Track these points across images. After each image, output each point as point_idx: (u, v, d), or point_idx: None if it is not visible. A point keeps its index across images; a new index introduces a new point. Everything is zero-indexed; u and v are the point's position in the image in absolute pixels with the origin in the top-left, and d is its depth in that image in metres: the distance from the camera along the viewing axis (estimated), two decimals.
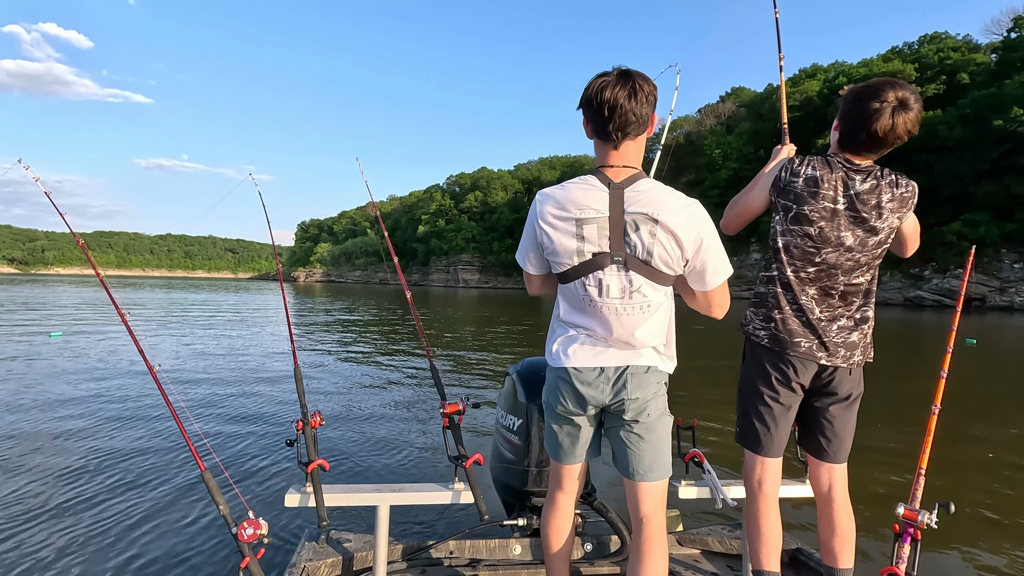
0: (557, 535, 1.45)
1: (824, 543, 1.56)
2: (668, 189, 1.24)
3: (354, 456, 3.78)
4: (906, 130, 1.40)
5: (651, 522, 1.32)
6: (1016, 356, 11.61)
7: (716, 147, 53.94)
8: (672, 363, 1.35)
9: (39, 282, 55.62)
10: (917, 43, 47.92)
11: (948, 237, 34.74)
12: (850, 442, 1.57)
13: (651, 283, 1.23)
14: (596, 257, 1.22)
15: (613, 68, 1.22)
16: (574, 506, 1.47)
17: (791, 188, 1.48)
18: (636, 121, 1.20)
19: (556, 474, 1.45)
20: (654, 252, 1.20)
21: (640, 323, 1.25)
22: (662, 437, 1.34)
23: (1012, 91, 35.56)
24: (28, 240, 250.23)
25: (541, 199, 1.27)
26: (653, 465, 1.32)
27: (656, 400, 1.32)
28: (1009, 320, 24.13)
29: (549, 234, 1.24)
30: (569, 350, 1.30)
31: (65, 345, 8.88)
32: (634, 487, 1.33)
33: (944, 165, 37.40)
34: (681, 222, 1.19)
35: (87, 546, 2.39)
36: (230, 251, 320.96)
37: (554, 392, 1.36)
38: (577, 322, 1.30)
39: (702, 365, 9.53)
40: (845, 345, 1.49)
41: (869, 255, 1.47)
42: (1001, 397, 6.80)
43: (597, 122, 1.22)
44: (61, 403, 4.99)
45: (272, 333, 11.93)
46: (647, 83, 1.20)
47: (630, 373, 1.27)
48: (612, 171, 1.24)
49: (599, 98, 1.19)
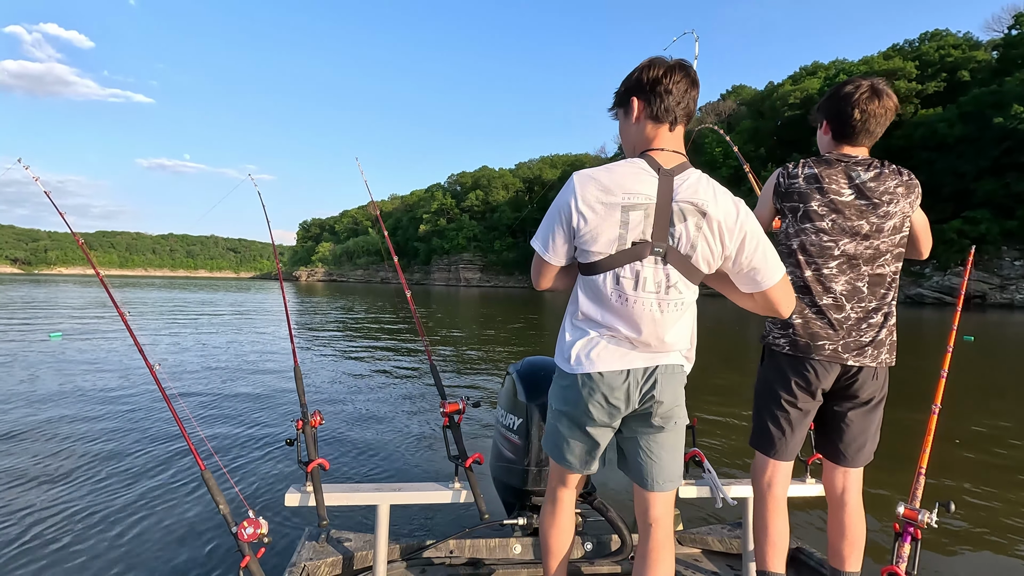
0: (559, 535, 1.41)
1: (833, 545, 1.55)
2: (716, 183, 1.18)
3: (354, 456, 3.78)
4: (889, 104, 1.43)
5: (660, 526, 1.28)
6: (1017, 353, 11.60)
7: (716, 145, 53.88)
8: (691, 364, 1.28)
9: (41, 282, 55.73)
10: (918, 40, 47.76)
11: (948, 235, 34.66)
12: (872, 447, 1.54)
13: (686, 280, 1.16)
14: (636, 247, 1.13)
15: (669, 57, 1.19)
16: (574, 506, 1.44)
17: (793, 189, 1.48)
18: (691, 112, 1.19)
19: (561, 477, 1.38)
20: (697, 246, 1.13)
21: (672, 323, 1.18)
22: (680, 445, 1.29)
23: (1013, 88, 35.46)
24: (31, 240, 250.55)
25: (582, 181, 1.15)
26: (671, 475, 1.27)
27: (682, 404, 1.26)
28: (1009, 317, 24.09)
29: (588, 218, 1.13)
30: (592, 353, 1.20)
31: (65, 346, 8.89)
32: (646, 495, 1.28)
33: (945, 162, 37.33)
34: (729, 217, 1.14)
35: (86, 545, 2.39)
36: (232, 251, 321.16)
37: (574, 400, 1.24)
38: (600, 320, 1.19)
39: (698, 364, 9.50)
40: (873, 344, 1.46)
41: (888, 241, 1.45)
42: (1001, 394, 6.79)
43: (657, 104, 1.17)
44: (60, 403, 4.99)
45: (272, 332, 11.93)
46: (698, 77, 1.21)
47: (660, 373, 1.19)
48: (662, 155, 1.17)
49: (665, 79, 1.15)
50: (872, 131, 1.45)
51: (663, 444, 1.25)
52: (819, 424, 1.59)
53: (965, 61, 42.82)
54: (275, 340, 10.55)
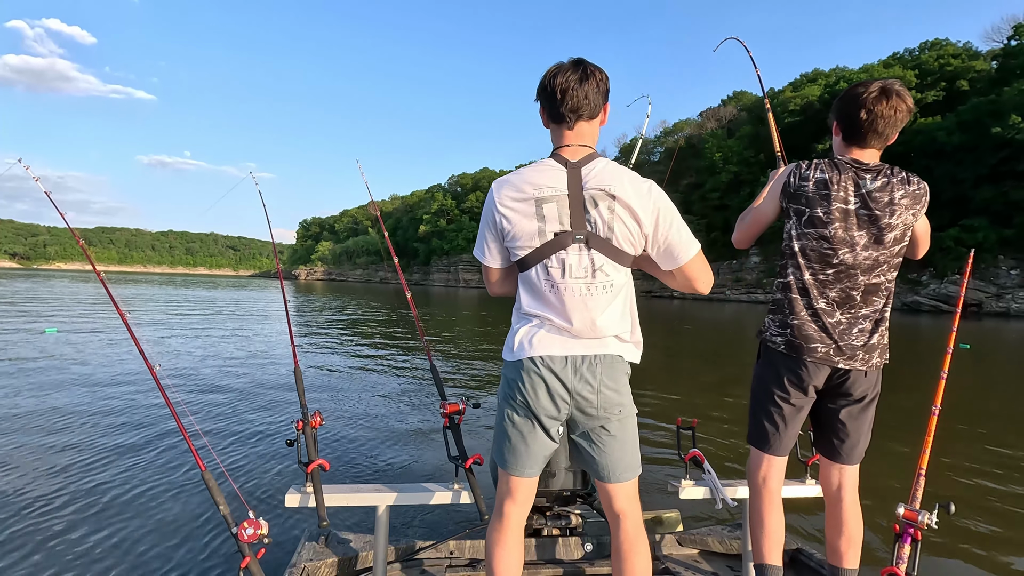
0: (504, 557, 1.28)
1: (830, 543, 1.56)
2: (624, 168, 1.24)
3: (354, 456, 3.78)
4: (901, 105, 1.42)
5: (628, 517, 1.28)
6: (1013, 360, 11.64)
7: (717, 150, 54.03)
8: (638, 351, 1.30)
9: (40, 277, 55.49)
10: (918, 49, 48.00)
11: (946, 242, 34.79)
12: (864, 444, 1.56)
13: (613, 263, 1.21)
14: (558, 237, 1.20)
15: (568, 59, 1.25)
16: (524, 525, 1.34)
17: (802, 192, 1.49)
18: (588, 103, 1.22)
19: (506, 485, 1.30)
20: (615, 228, 1.19)
21: (603, 307, 1.21)
22: (632, 434, 1.30)
23: (1011, 98, 35.62)
24: (30, 235, 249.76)
25: (498, 186, 1.26)
26: (628, 465, 1.28)
27: (626, 393, 1.27)
28: (1005, 325, 24.17)
29: (508, 217, 1.22)
30: (534, 339, 1.24)
31: (63, 343, 8.85)
32: (606, 487, 1.29)
33: (943, 170, 37.47)
34: (637, 196, 1.18)
35: (86, 546, 2.38)
36: (231, 248, 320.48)
37: (516, 387, 1.25)
38: (539, 312, 1.24)
39: (695, 364, 9.54)
40: (864, 348, 1.48)
41: (887, 252, 1.47)
42: (1001, 396, 6.81)
43: (551, 106, 1.24)
44: (60, 402, 4.97)
45: (272, 332, 11.91)
46: (598, 71, 1.24)
47: (598, 363, 1.22)
48: (568, 151, 1.24)
49: (552, 83, 1.22)
50: (881, 132, 1.45)
51: (615, 433, 1.26)
52: (815, 421, 1.61)
53: (964, 70, 43.04)
54: (275, 340, 10.53)
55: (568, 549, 1.86)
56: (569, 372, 1.22)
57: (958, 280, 35.24)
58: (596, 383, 1.22)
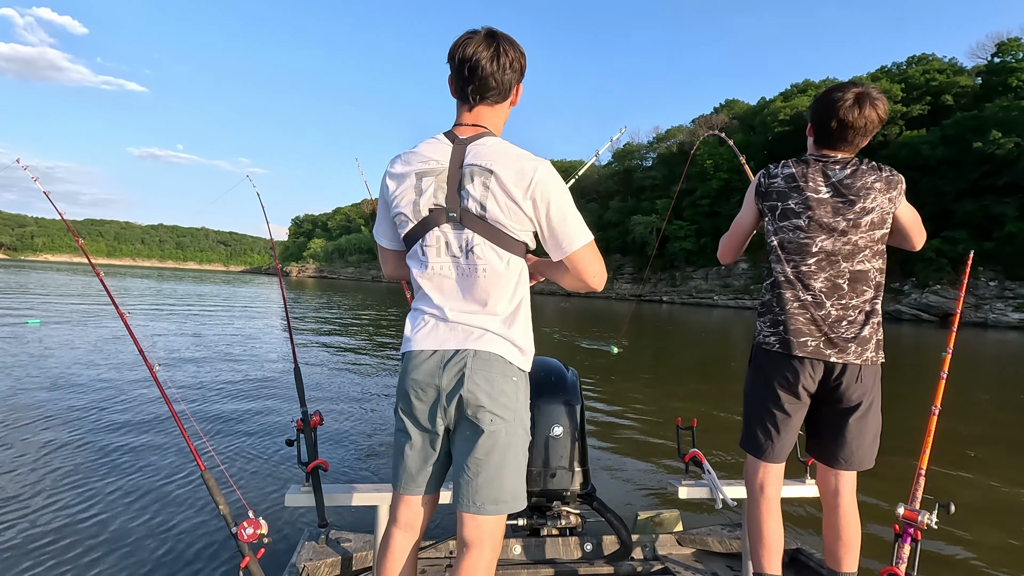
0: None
1: (828, 547, 1.55)
2: (515, 147, 1.13)
3: (354, 456, 3.77)
4: (872, 115, 1.42)
5: (470, 554, 1.08)
6: (994, 367, 11.93)
7: (708, 158, 54.63)
8: (524, 357, 1.14)
9: (27, 268, 53.98)
10: (905, 63, 49.08)
11: (928, 253, 35.52)
12: (865, 451, 1.49)
13: (490, 244, 1.09)
14: (433, 213, 1.11)
15: (482, 28, 1.12)
16: (415, 549, 1.19)
17: (773, 188, 1.53)
18: (496, 88, 1.13)
19: (393, 504, 1.18)
20: (487, 206, 1.08)
21: (479, 294, 1.11)
22: (510, 460, 1.09)
23: (993, 114, 36.60)
24: (17, 226, 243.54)
25: (392, 160, 1.19)
26: (494, 496, 1.07)
27: (507, 404, 1.09)
28: (983, 336, 24.75)
29: (390, 187, 1.16)
30: (414, 333, 1.15)
31: (60, 340, 8.64)
32: (461, 516, 1.10)
33: (927, 183, 38.30)
34: (521, 174, 1.07)
35: (86, 546, 2.35)
36: (222, 243, 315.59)
37: (399, 387, 1.16)
38: (419, 300, 1.17)
39: (699, 364, 9.63)
40: (856, 341, 1.44)
41: (867, 237, 1.46)
42: (984, 403, 6.99)
43: (457, 80, 1.14)
44: (59, 401, 4.86)
45: (271, 331, 11.77)
46: (513, 48, 1.13)
47: (470, 358, 1.08)
48: (461, 129, 1.15)
49: (461, 54, 1.10)
50: (851, 141, 1.47)
51: (478, 453, 1.08)
52: (812, 427, 1.60)
53: (949, 85, 44.05)
54: (274, 339, 10.40)
55: (567, 549, 1.87)
56: (435, 366, 1.10)
57: (939, 290, 36.08)
58: (468, 383, 1.07)
